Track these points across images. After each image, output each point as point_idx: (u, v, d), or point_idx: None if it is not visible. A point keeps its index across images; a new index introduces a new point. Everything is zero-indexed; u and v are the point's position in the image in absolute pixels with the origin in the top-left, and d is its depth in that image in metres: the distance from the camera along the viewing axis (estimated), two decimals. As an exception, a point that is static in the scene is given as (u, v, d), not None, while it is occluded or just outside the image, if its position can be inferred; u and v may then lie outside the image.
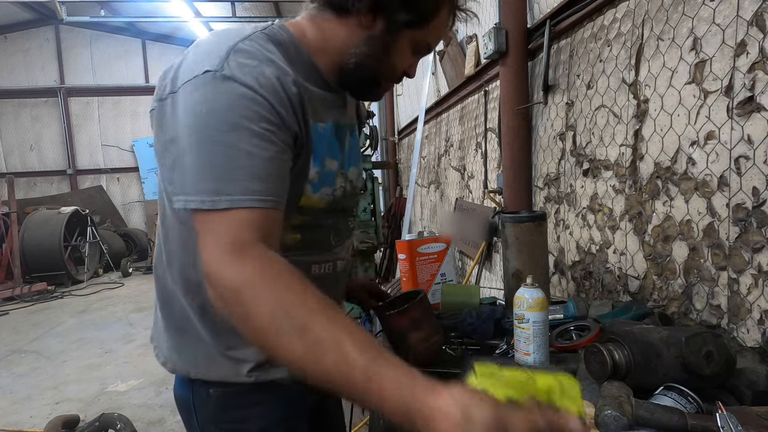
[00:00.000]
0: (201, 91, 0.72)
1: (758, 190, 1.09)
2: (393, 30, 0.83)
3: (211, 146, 0.70)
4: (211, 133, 0.70)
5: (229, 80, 0.71)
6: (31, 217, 7.69)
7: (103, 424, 2.27)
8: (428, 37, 0.88)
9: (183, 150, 0.73)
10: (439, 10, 0.84)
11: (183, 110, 0.73)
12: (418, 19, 0.83)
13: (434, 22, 0.85)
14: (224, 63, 0.72)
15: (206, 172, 0.71)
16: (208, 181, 0.70)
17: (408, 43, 0.86)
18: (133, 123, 10.86)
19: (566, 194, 2.01)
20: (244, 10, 8.07)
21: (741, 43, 1.12)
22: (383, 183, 7.58)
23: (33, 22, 10.06)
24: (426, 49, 0.91)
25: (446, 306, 1.58)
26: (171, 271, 0.90)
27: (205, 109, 0.71)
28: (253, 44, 0.77)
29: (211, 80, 0.71)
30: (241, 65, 0.73)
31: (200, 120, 0.71)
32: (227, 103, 0.71)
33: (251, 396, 0.92)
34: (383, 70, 0.88)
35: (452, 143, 3.88)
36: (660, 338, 0.91)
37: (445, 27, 0.90)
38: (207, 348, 0.89)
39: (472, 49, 2.99)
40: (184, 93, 0.73)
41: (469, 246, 3.24)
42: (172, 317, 0.92)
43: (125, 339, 4.94)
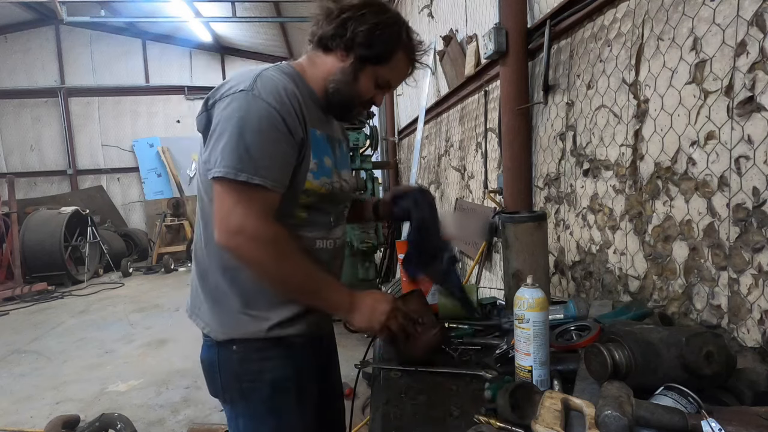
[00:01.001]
0: (237, 103, 1.03)
1: (758, 190, 1.09)
2: (359, 63, 1.13)
3: (243, 140, 1.01)
4: (243, 132, 1.01)
5: (257, 98, 1.03)
6: (32, 217, 7.69)
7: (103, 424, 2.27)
8: (387, 75, 1.18)
9: (223, 139, 1.02)
10: (394, 55, 1.15)
11: (225, 114, 1.03)
12: (377, 58, 1.14)
13: (391, 63, 1.16)
14: (253, 85, 1.04)
15: (241, 156, 1.00)
16: (244, 162, 1.00)
17: (371, 76, 1.16)
18: (134, 123, 10.86)
19: (566, 194, 2.01)
20: (244, 10, 8.06)
21: (741, 43, 1.12)
22: (383, 183, 7.58)
23: (33, 23, 10.06)
24: (386, 85, 1.20)
25: (444, 307, 1.57)
26: (208, 252, 1.18)
27: (240, 114, 1.02)
28: (272, 72, 1.10)
29: (244, 96, 1.03)
30: (264, 87, 1.05)
31: (236, 121, 1.02)
32: (256, 113, 1.02)
33: (268, 351, 1.17)
34: (353, 94, 1.17)
35: (452, 143, 3.88)
36: (660, 338, 0.91)
37: (404, 71, 1.21)
38: (236, 311, 1.15)
39: (472, 49, 2.99)
40: (225, 103, 1.04)
41: (469, 246, 3.24)
42: (208, 290, 1.19)
43: (125, 339, 4.93)
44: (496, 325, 1.47)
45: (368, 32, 1.10)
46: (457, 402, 1.06)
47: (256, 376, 1.17)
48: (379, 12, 1.12)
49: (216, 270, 1.17)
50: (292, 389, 1.20)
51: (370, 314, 1.17)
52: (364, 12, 1.10)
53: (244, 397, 1.18)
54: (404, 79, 1.25)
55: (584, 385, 0.98)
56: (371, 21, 1.10)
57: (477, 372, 1.16)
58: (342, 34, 1.11)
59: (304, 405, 1.23)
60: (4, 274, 7.28)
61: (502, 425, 0.90)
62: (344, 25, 1.11)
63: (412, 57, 1.19)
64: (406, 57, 1.18)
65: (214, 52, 11.06)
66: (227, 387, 1.19)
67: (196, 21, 8.39)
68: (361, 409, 2.96)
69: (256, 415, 1.18)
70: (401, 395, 1.10)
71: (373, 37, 1.10)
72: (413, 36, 1.18)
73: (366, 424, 2.71)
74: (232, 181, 1.01)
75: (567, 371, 1.08)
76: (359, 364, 1.34)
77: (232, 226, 1.02)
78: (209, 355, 1.20)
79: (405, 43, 1.15)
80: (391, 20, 1.13)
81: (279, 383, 1.18)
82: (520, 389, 0.95)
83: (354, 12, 1.10)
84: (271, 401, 1.17)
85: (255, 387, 1.17)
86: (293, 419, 1.21)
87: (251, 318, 1.15)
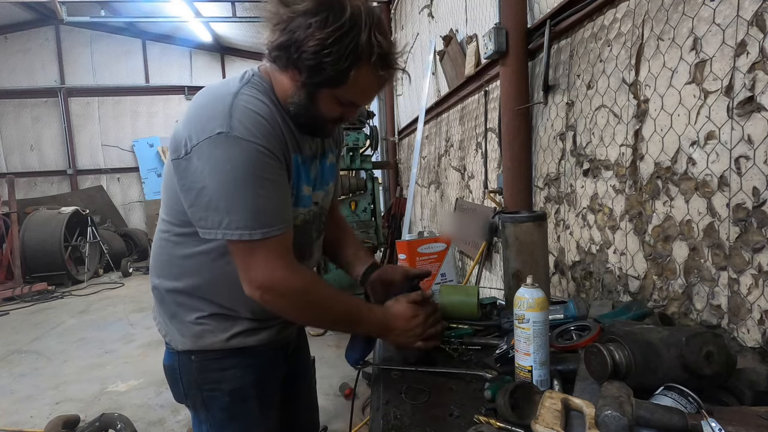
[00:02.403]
0: (221, 151, 0.92)
1: (758, 190, 1.09)
2: (312, 87, 0.98)
3: (244, 195, 0.94)
4: (239, 184, 0.93)
5: (240, 140, 0.92)
6: (32, 217, 7.69)
7: (103, 424, 2.27)
8: (348, 95, 1.01)
9: (217, 197, 0.94)
10: (351, 74, 0.95)
11: (210, 166, 0.93)
12: (329, 82, 0.96)
13: (350, 84, 0.97)
14: (230, 124, 0.93)
15: (250, 214, 0.95)
16: (255, 219, 0.95)
17: (330, 97, 1.00)
18: (134, 123, 10.86)
19: (566, 194, 2.01)
20: (244, 10, 8.05)
21: (741, 43, 1.12)
22: (383, 183, 7.58)
23: (33, 22, 10.05)
24: (351, 104, 1.04)
25: (445, 307, 1.57)
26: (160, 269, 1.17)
27: (230, 167, 0.92)
28: (246, 98, 0.98)
29: (225, 140, 0.92)
30: (243, 122, 0.93)
31: (228, 175, 0.93)
32: (244, 159, 0.93)
33: (226, 361, 1.15)
34: (315, 115, 1.03)
35: (452, 143, 3.88)
36: (660, 338, 0.91)
37: (371, 85, 1.01)
38: (192, 323, 1.14)
39: (472, 49, 2.99)
40: (206, 150, 0.93)
41: (469, 246, 3.24)
42: (165, 305, 1.18)
43: (125, 339, 4.93)
44: (496, 325, 1.47)
45: (314, 53, 0.91)
46: (457, 402, 1.06)
47: (215, 386, 1.16)
48: (329, 18, 0.90)
49: (170, 287, 1.16)
50: (252, 398, 1.19)
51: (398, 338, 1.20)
52: (310, 23, 0.90)
53: (205, 405, 1.18)
54: (376, 92, 1.06)
55: (584, 385, 0.98)
56: (317, 37, 0.90)
57: (477, 372, 1.16)
58: (287, 54, 0.95)
59: (267, 412, 1.23)
60: (4, 274, 7.27)
61: (502, 425, 0.90)
62: (289, 42, 0.93)
63: (378, 73, 0.98)
64: (370, 71, 0.97)
65: (214, 52, 11.06)
66: (189, 394, 1.19)
67: (196, 21, 8.39)
68: (361, 409, 2.96)
69: (216, 423, 1.18)
70: (401, 395, 1.10)
71: (320, 59, 0.92)
72: (378, 41, 0.94)
73: (366, 424, 2.71)
74: (242, 242, 0.97)
75: (567, 371, 1.08)
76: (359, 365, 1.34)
77: (262, 283, 1.00)
78: (171, 363, 1.20)
79: (364, 57, 0.94)
80: (343, 31, 0.90)
81: (238, 392, 1.17)
82: (520, 389, 0.95)
83: (300, 20, 0.91)
84: (231, 410, 1.17)
85: (214, 396, 1.17)
86: (254, 428, 1.20)
87: (209, 329, 1.14)
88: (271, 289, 1.00)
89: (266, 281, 1.00)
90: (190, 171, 0.96)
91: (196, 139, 0.94)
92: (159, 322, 1.23)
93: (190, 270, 1.12)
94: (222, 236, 0.96)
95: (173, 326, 1.17)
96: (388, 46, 0.97)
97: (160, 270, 1.18)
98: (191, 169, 0.96)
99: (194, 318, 1.14)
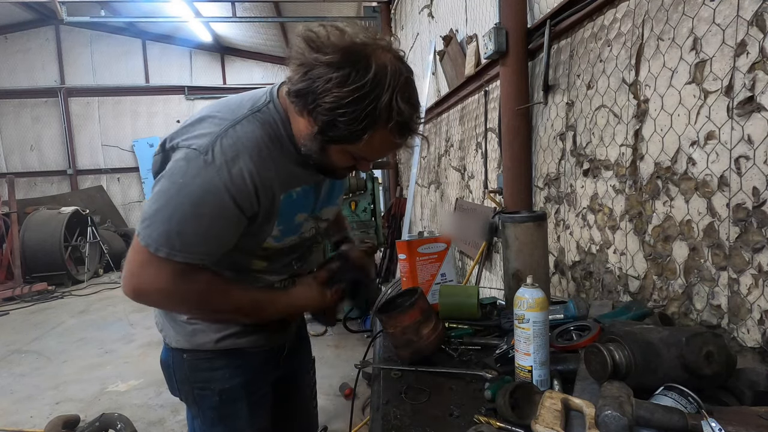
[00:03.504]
0: (188, 166, 0.92)
1: (758, 190, 1.09)
2: (325, 138, 0.94)
3: (177, 214, 0.93)
4: (178, 202, 0.93)
5: (209, 167, 0.91)
6: (32, 217, 7.69)
7: (103, 424, 2.27)
8: (362, 152, 0.98)
9: (159, 201, 0.94)
10: (363, 136, 0.90)
11: (172, 170, 0.94)
12: (341, 139, 0.92)
13: (363, 142, 0.91)
14: (210, 148, 0.92)
15: (169, 235, 0.93)
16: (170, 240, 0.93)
17: (342, 151, 0.98)
18: (134, 123, 10.86)
19: (566, 194, 2.01)
20: (244, 10, 8.06)
21: (741, 43, 1.12)
22: (383, 183, 7.58)
23: (33, 22, 10.06)
24: (364, 160, 1.01)
25: (445, 307, 1.57)
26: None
27: (181, 182, 0.92)
28: (246, 128, 0.97)
29: (196, 161, 0.92)
30: (225, 153, 0.93)
31: (176, 189, 0.93)
32: (198, 186, 0.92)
33: (216, 361, 1.18)
34: (327, 163, 1.01)
35: (452, 143, 3.88)
36: (660, 338, 0.91)
37: (386, 147, 0.98)
38: (184, 323, 1.18)
39: (472, 49, 2.99)
40: (179, 156, 0.94)
41: (469, 246, 3.24)
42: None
43: (125, 339, 4.93)
44: (496, 325, 1.47)
45: (329, 109, 0.87)
46: (457, 402, 1.06)
47: (206, 385, 1.19)
48: (349, 78, 0.85)
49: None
50: (241, 399, 1.21)
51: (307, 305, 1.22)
52: (331, 77, 0.86)
53: (196, 402, 1.21)
54: (391, 152, 1.06)
55: (584, 385, 0.98)
56: (335, 94, 0.86)
57: (477, 372, 1.16)
58: (304, 100, 0.90)
59: (257, 413, 1.24)
60: (4, 274, 7.27)
61: (502, 425, 0.90)
62: (307, 90, 0.89)
63: (396, 134, 0.93)
64: (386, 136, 0.92)
65: (214, 52, 11.06)
66: (182, 390, 1.23)
67: (196, 21, 8.39)
68: (361, 409, 2.96)
69: (207, 421, 1.21)
70: (401, 395, 1.10)
71: (335, 117, 0.88)
72: (399, 108, 0.89)
73: (366, 424, 2.71)
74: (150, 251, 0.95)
75: (567, 371, 1.08)
76: (359, 364, 1.34)
77: (139, 284, 0.99)
78: (166, 358, 1.24)
79: (382, 121, 0.89)
80: (362, 92, 0.86)
81: (228, 393, 1.19)
82: (520, 389, 0.95)
83: (322, 70, 0.87)
84: (220, 409, 1.20)
85: (205, 395, 1.20)
86: (244, 427, 1.22)
87: (200, 330, 1.18)
88: (147, 294, 1.01)
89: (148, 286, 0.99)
90: (163, 165, 1.00)
91: (178, 141, 0.97)
92: (157, 318, 1.27)
93: None
94: (137, 233, 0.97)
95: (168, 323, 1.22)
96: (410, 114, 0.92)
97: None
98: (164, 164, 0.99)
99: (186, 318, 1.18)
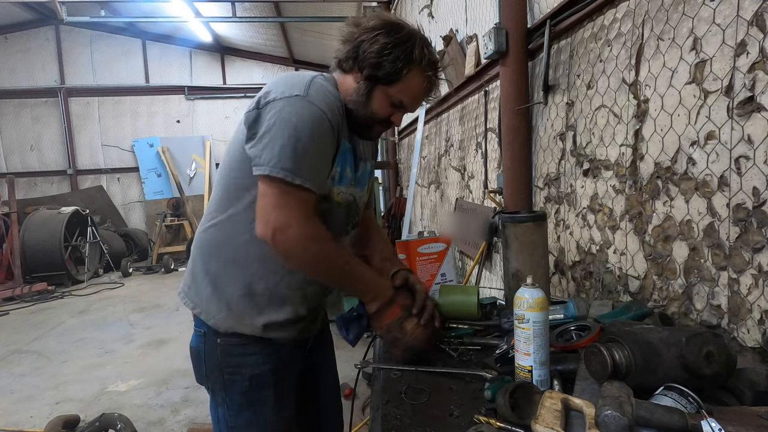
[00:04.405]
0: (293, 107, 1.08)
1: (758, 190, 1.09)
2: (370, 83, 1.17)
3: (300, 144, 1.07)
4: (300, 136, 1.07)
5: (311, 104, 1.09)
6: (32, 217, 7.68)
7: (103, 424, 2.27)
8: (400, 95, 1.20)
9: (280, 140, 1.06)
10: (404, 74, 1.16)
11: (281, 116, 1.07)
12: (386, 78, 1.16)
13: (402, 83, 1.18)
14: (308, 91, 1.10)
15: (299, 161, 1.06)
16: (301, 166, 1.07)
17: (384, 96, 1.19)
18: (134, 123, 10.85)
19: (566, 194, 2.01)
20: (244, 11, 8.05)
21: (741, 43, 1.12)
22: (383, 183, 7.58)
23: (33, 22, 10.04)
24: (401, 106, 1.22)
25: (445, 307, 1.57)
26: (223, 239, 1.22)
27: (295, 120, 1.07)
28: (322, 81, 1.15)
29: (300, 102, 1.08)
30: (318, 93, 1.11)
31: (291, 126, 1.07)
32: (309, 118, 1.08)
33: (249, 347, 1.23)
34: (368, 114, 1.21)
35: (452, 143, 3.88)
36: (660, 338, 0.91)
37: (419, 91, 1.22)
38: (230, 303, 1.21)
39: (472, 49, 2.99)
40: (280, 105, 1.08)
41: (469, 246, 3.24)
42: (210, 274, 1.24)
43: (125, 339, 4.93)
44: (496, 325, 1.47)
45: (377, 53, 1.13)
46: (457, 402, 1.06)
47: (236, 370, 1.24)
48: (391, 31, 1.14)
49: (228, 256, 1.22)
50: (270, 385, 1.26)
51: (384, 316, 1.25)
52: (377, 33, 1.14)
53: (225, 388, 1.25)
54: (421, 97, 1.25)
55: (584, 385, 0.98)
56: (381, 41, 1.13)
57: (477, 372, 1.16)
58: (355, 56, 1.17)
59: (282, 401, 1.29)
60: (4, 274, 7.27)
61: (502, 425, 0.90)
62: (357, 48, 1.16)
63: (426, 74, 1.20)
64: (420, 74, 1.19)
65: (214, 52, 11.05)
66: (210, 376, 1.26)
67: (196, 21, 8.39)
68: (361, 409, 2.96)
69: (233, 406, 1.25)
70: (401, 395, 1.10)
71: (381, 57, 1.13)
72: (428, 53, 1.18)
73: (366, 424, 2.71)
74: (282, 182, 1.06)
75: (567, 371, 1.08)
76: (359, 364, 1.34)
77: (280, 223, 1.07)
78: (197, 344, 1.28)
79: (416, 61, 1.16)
80: (402, 39, 1.14)
81: (257, 379, 1.24)
82: (520, 389, 0.95)
83: (368, 34, 1.15)
84: (248, 395, 1.24)
85: (234, 379, 1.24)
86: (269, 414, 1.27)
87: (244, 313, 1.22)
88: (286, 230, 1.08)
89: (285, 223, 1.07)
90: (260, 119, 1.10)
91: (273, 97, 1.10)
92: (190, 293, 1.28)
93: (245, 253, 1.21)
94: (268, 172, 1.06)
95: (214, 300, 1.23)
96: (436, 58, 1.22)
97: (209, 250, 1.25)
98: (261, 118, 1.10)
99: (234, 298, 1.21)
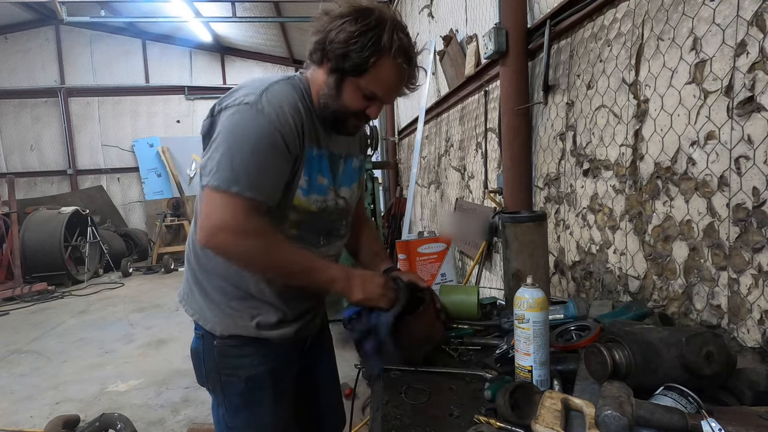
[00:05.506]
0: (240, 116, 1.06)
1: (758, 190, 1.09)
2: (339, 75, 1.11)
3: (240, 155, 1.05)
4: (242, 147, 1.05)
5: (260, 113, 1.05)
6: (32, 217, 7.68)
7: (103, 424, 2.27)
8: (371, 86, 1.12)
9: (221, 150, 1.05)
10: (372, 65, 1.08)
11: (227, 125, 1.06)
12: (354, 69, 1.09)
13: (371, 74, 1.09)
14: (259, 99, 1.06)
15: (236, 171, 1.04)
16: (238, 177, 1.04)
17: (355, 88, 1.12)
18: (134, 123, 10.84)
19: (566, 194, 2.01)
20: (244, 11, 8.05)
21: (741, 43, 1.12)
22: (383, 183, 7.58)
23: (33, 23, 10.04)
24: (374, 97, 1.14)
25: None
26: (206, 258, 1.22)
27: (239, 130, 1.05)
28: (281, 86, 1.11)
29: (248, 110, 1.06)
30: (270, 102, 1.07)
31: (235, 136, 1.05)
32: (254, 128, 1.05)
33: (245, 348, 1.23)
34: (340, 108, 1.15)
35: (452, 143, 3.88)
36: (660, 338, 0.91)
37: (391, 81, 1.13)
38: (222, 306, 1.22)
39: (472, 49, 2.99)
40: (229, 113, 1.07)
41: (469, 246, 3.24)
42: (199, 282, 1.25)
43: (125, 339, 4.93)
44: (496, 325, 1.47)
45: (343, 42, 1.06)
46: (457, 402, 1.06)
47: (233, 371, 1.24)
48: (359, 18, 1.06)
49: (207, 266, 1.23)
50: (267, 387, 1.25)
51: (364, 285, 1.19)
52: (344, 21, 1.07)
53: (223, 389, 1.25)
54: (395, 87, 1.15)
55: (584, 385, 0.98)
56: (348, 30, 1.06)
57: (477, 372, 1.16)
58: (322, 47, 1.10)
59: (280, 402, 1.29)
60: (4, 274, 7.26)
61: (502, 425, 0.90)
62: (324, 39, 1.09)
63: (396, 61, 1.10)
64: (390, 62, 1.09)
65: (214, 52, 11.04)
66: (209, 377, 1.27)
67: (196, 21, 8.38)
68: (361, 409, 2.96)
69: (231, 407, 1.25)
70: (401, 395, 1.10)
71: (348, 46, 1.06)
72: (398, 38, 1.08)
73: (366, 424, 2.71)
74: (218, 191, 1.04)
75: (567, 371, 1.08)
76: (359, 364, 1.34)
77: (215, 223, 1.05)
78: (197, 347, 1.28)
79: (385, 48, 1.07)
80: (369, 25, 1.06)
81: (254, 380, 1.24)
82: (520, 389, 0.95)
83: (336, 23, 1.08)
84: (245, 396, 1.24)
85: (231, 381, 1.24)
86: (266, 415, 1.26)
87: (236, 315, 1.22)
88: (224, 228, 1.05)
89: (221, 222, 1.05)
90: (212, 127, 1.10)
91: (226, 104, 1.09)
92: (188, 300, 1.29)
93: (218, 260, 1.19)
94: (206, 182, 1.06)
95: (207, 306, 1.24)
96: (408, 43, 1.12)
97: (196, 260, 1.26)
98: (213, 126, 1.10)
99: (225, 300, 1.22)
